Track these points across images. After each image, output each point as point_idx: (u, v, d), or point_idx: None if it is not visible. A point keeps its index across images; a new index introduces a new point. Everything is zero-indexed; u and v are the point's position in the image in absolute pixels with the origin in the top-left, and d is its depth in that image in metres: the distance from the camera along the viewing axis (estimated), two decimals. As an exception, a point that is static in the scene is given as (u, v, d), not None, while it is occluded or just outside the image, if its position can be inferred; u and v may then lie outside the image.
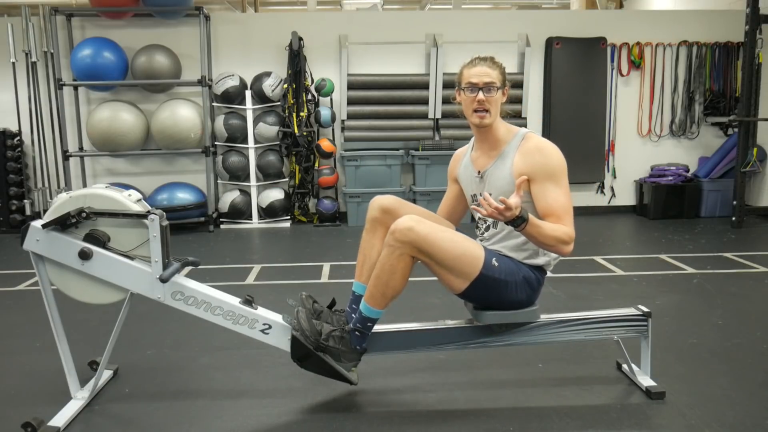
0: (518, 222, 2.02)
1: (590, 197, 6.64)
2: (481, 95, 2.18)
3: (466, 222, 2.78)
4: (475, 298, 2.27)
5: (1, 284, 4.11)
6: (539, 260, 2.25)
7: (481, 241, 2.33)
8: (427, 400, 2.41)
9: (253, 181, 6.15)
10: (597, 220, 6.33)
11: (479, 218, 2.36)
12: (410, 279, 2.49)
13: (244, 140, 6.10)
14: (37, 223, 2.21)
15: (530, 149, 2.18)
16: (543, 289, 2.33)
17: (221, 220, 6.14)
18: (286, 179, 6.25)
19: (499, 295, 2.20)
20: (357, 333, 2.22)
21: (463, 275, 2.16)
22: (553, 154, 2.18)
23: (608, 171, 6.59)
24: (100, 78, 5.75)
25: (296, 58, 5.98)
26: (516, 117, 6.21)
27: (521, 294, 2.22)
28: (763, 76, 5.82)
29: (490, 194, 2.18)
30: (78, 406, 2.31)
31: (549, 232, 2.08)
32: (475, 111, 2.20)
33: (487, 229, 2.32)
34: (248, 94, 6.02)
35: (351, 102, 6.15)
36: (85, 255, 2.19)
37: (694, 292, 3.76)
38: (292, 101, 5.97)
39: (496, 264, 2.18)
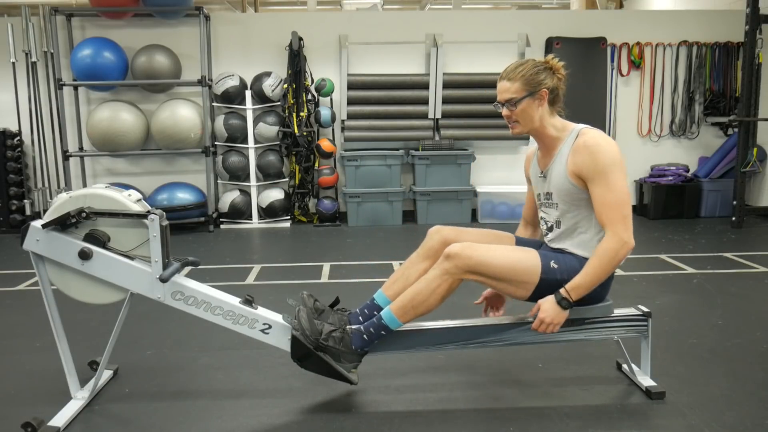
0: (565, 305, 2.15)
1: (590, 197, 6.63)
2: (505, 111, 2.24)
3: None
4: None
5: (1, 284, 4.11)
6: None
7: (547, 241, 2.38)
8: (427, 400, 2.41)
9: (253, 181, 6.15)
10: (597, 220, 6.31)
11: (541, 218, 2.41)
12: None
13: (244, 140, 6.10)
14: (37, 223, 2.21)
15: (579, 147, 2.18)
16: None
17: (221, 220, 6.14)
18: (286, 179, 6.26)
19: None
20: (365, 336, 2.22)
21: (524, 285, 2.21)
22: (599, 151, 2.13)
23: (608, 171, 6.57)
24: (100, 78, 5.75)
25: (296, 58, 5.98)
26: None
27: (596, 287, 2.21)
28: (763, 76, 5.82)
29: (551, 193, 2.28)
30: (78, 406, 2.31)
31: (598, 269, 2.12)
32: (508, 123, 2.28)
33: (550, 229, 2.35)
34: (248, 94, 6.02)
35: (351, 102, 6.15)
36: (85, 255, 2.19)
37: (694, 292, 3.76)
38: (292, 101, 5.97)
39: (555, 266, 2.21)
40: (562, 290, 2.16)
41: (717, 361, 2.72)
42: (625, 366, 2.56)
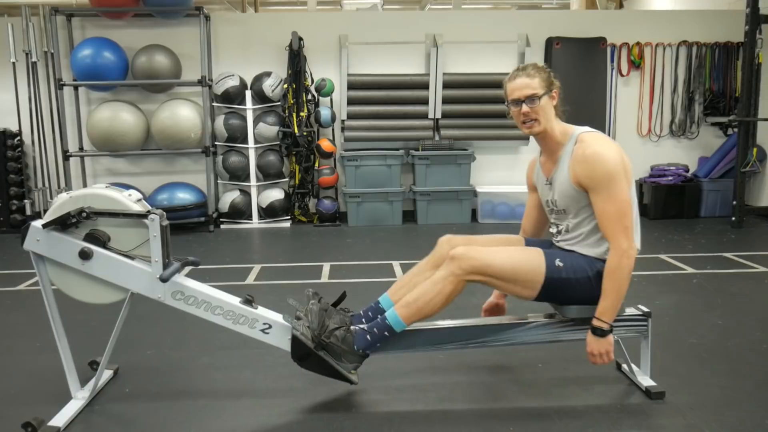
0: (600, 333, 2.18)
1: (590, 197, 6.63)
2: (525, 107, 2.20)
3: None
4: (552, 299, 2.31)
5: (1, 284, 4.11)
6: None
7: (556, 243, 2.38)
8: (427, 400, 2.41)
9: (253, 181, 6.15)
10: (597, 220, 6.32)
11: (551, 223, 2.42)
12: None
13: (244, 140, 6.10)
14: (37, 223, 2.21)
15: (578, 157, 2.18)
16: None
17: (221, 220, 6.14)
18: (286, 179, 6.25)
19: (574, 291, 2.23)
20: (368, 336, 2.22)
21: (530, 284, 2.21)
22: (598, 161, 2.12)
23: (608, 171, 6.57)
24: (101, 78, 5.75)
25: (296, 58, 5.98)
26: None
27: (597, 288, 2.21)
28: (763, 76, 5.81)
29: (556, 200, 2.28)
30: (78, 406, 2.31)
31: (614, 287, 2.15)
32: (523, 122, 2.23)
33: (560, 233, 2.35)
34: (248, 94, 6.02)
35: (351, 102, 6.15)
36: (85, 255, 2.19)
37: (694, 292, 3.76)
38: (292, 101, 5.97)
39: (561, 264, 2.21)
40: (594, 320, 2.18)
41: (717, 361, 2.73)
42: (625, 366, 2.56)
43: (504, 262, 2.18)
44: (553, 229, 2.41)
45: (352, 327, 2.25)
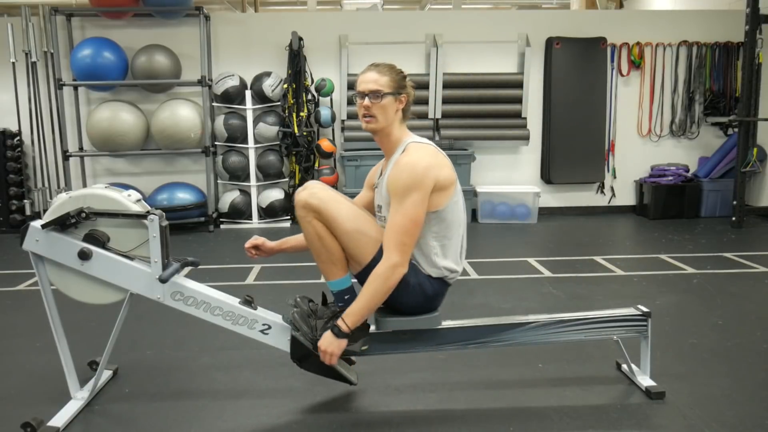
0: (337, 333, 2.08)
1: (590, 197, 6.65)
2: (367, 101, 2.16)
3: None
4: None
5: (1, 284, 4.11)
6: (431, 271, 2.19)
7: None
8: (427, 400, 2.41)
9: (253, 181, 6.15)
10: (597, 220, 6.33)
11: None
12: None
13: (244, 140, 6.10)
14: (36, 224, 2.21)
15: (397, 162, 2.14)
16: (543, 288, 2.33)
17: (221, 220, 6.14)
18: (286, 179, 6.25)
19: (395, 290, 2.13)
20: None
21: (357, 257, 2.16)
22: (406, 170, 2.07)
23: (608, 171, 6.59)
24: (100, 78, 5.74)
25: (296, 58, 5.98)
26: (515, 117, 6.22)
27: (416, 297, 2.18)
28: (763, 76, 5.81)
29: (381, 206, 2.21)
30: (78, 406, 2.31)
31: (371, 293, 2.07)
32: (363, 116, 2.19)
33: None
34: (248, 94, 6.02)
35: (351, 102, 6.15)
36: (84, 255, 2.19)
37: (694, 292, 3.76)
38: (292, 101, 5.97)
39: None
40: (338, 321, 2.10)
41: (717, 361, 2.72)
42: (624, 366, 2.57)
43: (346, 218, 2.13)
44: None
45: (338, 312, 2.21)
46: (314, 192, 2.15)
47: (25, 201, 6.01)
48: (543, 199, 6.44)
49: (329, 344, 2.10)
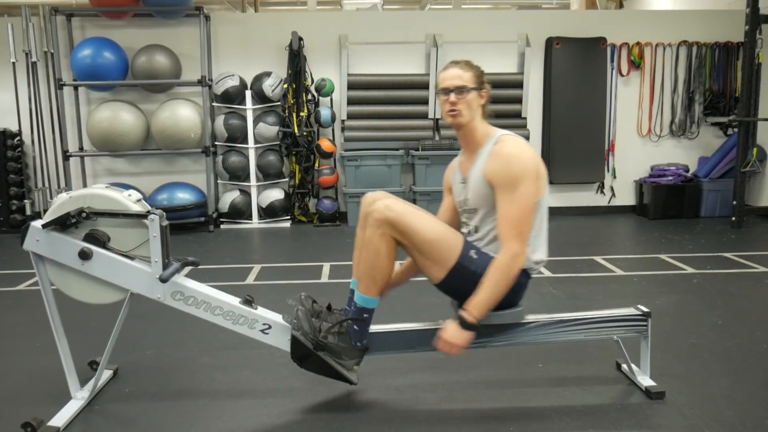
0: (465, 325, 2.11)
1: (590, 197, 6.65)
2: (452, 97, 2.21)
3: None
4: (454, 292, 2.26)
5: (1, 284, 4.11)
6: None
7: None
8: (427, 400, 2.41)
9: (253, 181, 6.15)
10: (597, 220, 6.33)
11: (462, 223, 2.38)
12: (410, 279, 2.49)
13: (244, 140, 6.10)
14: (37, 223, 2.21)
15: (495, 153, 2.18)
16: (543, 288, 2.33)
17: (221, 220, 6.14)
18: (286, 179, 6.25)
19: (477, 289, 2.16)
20: (355, 327, 2.22)
21: (441, 262, 2.17)
22: (512, 161, 2.13)
23: (608, 171, 6.59)
24: (100, 78, 5.75)
25: (296, 58, 5.98)
26: (515, 117, 6.22)
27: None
28: (763, 76, 5.82)
29: (469, 199, 2.26)
30: (78, 406, 2.31)
31: (493, 284, 2.09)
32: (448, 112, 2.24)
33: (469, 233, 2.32)
34: (248, 94, 6.02)
35: (351, 102, 6.15)
36: (85, 255, 2.19)
37: (693, 292, 3.76)
38: (292, 101, 5.97)
39: (475, 256, 2.18)
40: (461, 311, 2.13)
41: (717, 361, 2.73)
42: (624, 366, 2.56)
43: (424, 228, 2.15)
44: (464, 229, 2.36)
45: (345, 322, 2.24)
46: (389, 205, 2.15)
47: (26, 201, 6.01)
48: (543, 199, 6.42)
49: (455, 336, 2.12)
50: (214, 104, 6.11)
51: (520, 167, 2.12)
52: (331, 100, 6.19)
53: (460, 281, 2.18)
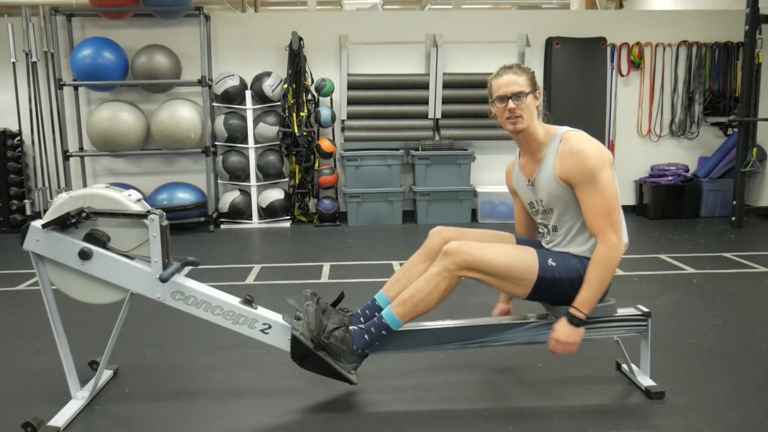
0: (576, 322, 2.17)
1: (590, 197, 6.63)
2: (511, 104, 2.21)
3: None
4: (544, 299, 2.32)
5: (1, 284, 4.11)
6: None
7: (545, 245, 2.37)
8: (427, 400, 2.41)
9: (253, 181, 6.15)
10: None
11: (539, 224, 2.41)
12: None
13: (244, 140, 6.10)
14: (37, 223, 2.21)
15: (565, 153, 2.20)
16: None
17: (221, 220, 6.14)
18: (286, 179, 6.26)
19: (566, 291, 2.22)
20: (366, 336, 2.22)
21: (522, 282, 2.21)
22: (585, 157, 2.15)
23: (608, 171, 6.57)
24: (101, 78, 5.75)
25: (296, 58, 5.98)
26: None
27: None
28: (763, 76, 5.82)
29: (542, 200, 2.29)
30: (78, 406, 2.31)
31: (598, 278, 2.14)
32: (508, 119, 2.24)
33: (548, 233, 2.35)
34: (248, 94, 6.02)
35: (351, 102, 6.15)
36: (85, 255, 2.19)
37: (693, 292, 3.76)
38: (292, 101, 5.97)
39: (553, 264, 2.21)
40: (571, 309, 2.17)
41: (717, 361, 2.73)
42: (624, 366, 2.57)
43: (498, 259, 2.18)
44: (542, 230, 2.40)
45: (350, 327, 2.25)
46: (465, 249, 2.16)
47: (26, 201, 6.01)
48: (543, 199, 6.43)
49: (569, 335, 2.17)
50: (214, 104, 6.11)
51: (595, 159, 2.14)
52: (331, 100, 6.19)
53: (547, 291, 2.23)
